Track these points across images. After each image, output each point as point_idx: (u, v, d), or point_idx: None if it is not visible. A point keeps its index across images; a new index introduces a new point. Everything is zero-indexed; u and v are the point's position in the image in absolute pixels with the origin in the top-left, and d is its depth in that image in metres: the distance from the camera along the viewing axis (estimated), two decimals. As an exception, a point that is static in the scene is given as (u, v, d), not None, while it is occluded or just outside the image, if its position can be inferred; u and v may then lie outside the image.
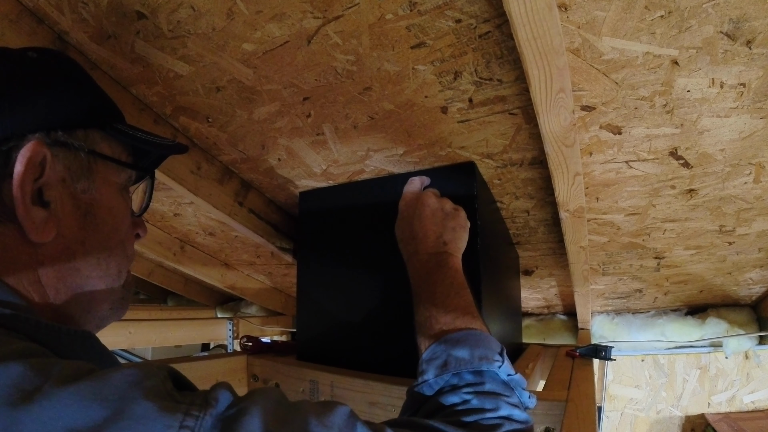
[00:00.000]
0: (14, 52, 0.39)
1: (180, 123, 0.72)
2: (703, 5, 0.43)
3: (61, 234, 0.36)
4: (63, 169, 0.37)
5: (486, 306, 0.67)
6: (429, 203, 0.61)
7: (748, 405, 1.20)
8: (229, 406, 0.26)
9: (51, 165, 0.36)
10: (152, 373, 0.26)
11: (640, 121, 0.59)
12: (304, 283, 0.87)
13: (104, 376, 0.25)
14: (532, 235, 0.95)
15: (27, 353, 0.25)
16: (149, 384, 0.25)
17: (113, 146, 0.42)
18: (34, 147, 0.34)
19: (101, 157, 0.40)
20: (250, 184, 0.92)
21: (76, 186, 0.38)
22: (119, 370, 0.26)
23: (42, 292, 0.35)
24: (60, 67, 0.40)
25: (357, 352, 0.77)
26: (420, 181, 0.69)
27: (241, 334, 1.48)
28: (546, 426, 0.58)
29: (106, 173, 0.41)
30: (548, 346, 1.18)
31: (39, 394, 0.22)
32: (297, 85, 0.61)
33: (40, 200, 0.35)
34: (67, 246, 0.37)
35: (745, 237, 0.85)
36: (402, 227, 0.64)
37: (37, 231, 0.34)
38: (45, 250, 0.35)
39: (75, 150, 0.38)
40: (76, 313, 0.39)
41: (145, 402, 0.24)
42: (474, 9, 0.46)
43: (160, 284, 1.73)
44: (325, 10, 0.49)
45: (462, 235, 0.61)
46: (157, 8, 0.51)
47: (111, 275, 0.41)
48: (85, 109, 0.40)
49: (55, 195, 0.36)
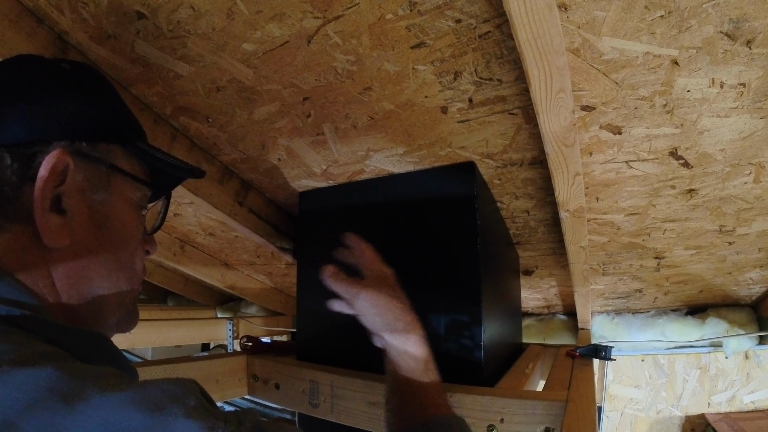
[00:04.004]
0: (48, 62, 0.40)
1: (180, 123, 0.72)
2: (703, 5, 0.43)
3: (75, 241, 0.37)
4: (83, 180, 0.37)
5: (486, 306, 0.67)
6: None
7: (748, 405, 1.20)
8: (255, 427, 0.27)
9: (72, 174, 0.36)
10: (190, 390, 0.27)
11: (640, 121, 0.59)
12: (304, 283, 0.87)
13: (144, 386, 0.25)
14: (532, 235, 0.95)
15: (52, 356, 0.26)
16: (190, 402, 0.26)
17: (133, 163, 0.43)
18: (59, 155, 0.35)
19: (120, 172, 0.41)
20: (250, 184, 0.92)
21: (94, 197, 0.39)
22: (155, 383, 0.26)
23: (55, 294, 0.36)
24: (90, 81, 0.42)
25: (357, 352, 0.77)
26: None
27: (241, 334, 1.48)
28: (546, 426, 0.58)
29: (123, 188, 0.42)
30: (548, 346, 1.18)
31: (79, 399, 0.23)
32: (297, 85, 0.61)
33: (57, 207, 0.36)
34: (79, 254, 0.37)
35: (745, 237, 0.85)
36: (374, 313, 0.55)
37: (52, 236, 0.35)
38: (58, 255, 0.36)
39: (96, 162, 0.39)
40: (88, 317, 0.39)
41: (186, 419, 0.24)
42: (474, 9, 0.46)
43: (160, 284, 1.73)
44: (325, 10, 0.49)
45: (406, 318, 0.54)
46: (157, 8, 0.51)
47: (120, 287, 0.42)
48: (109, 123, 0.41)
49: (73, 204, 0.37)
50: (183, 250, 1.32)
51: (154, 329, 1.32)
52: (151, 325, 1.32)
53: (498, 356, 0.78)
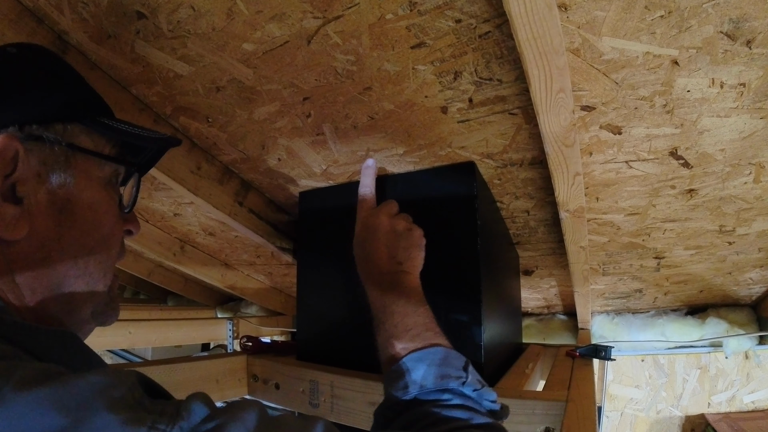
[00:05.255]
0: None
1: (180, 123, 0.72)
2: (703, 5, 0.43)
3: (35, 231, 0.35)
4: (38, 164, 0.35)
5: (486, 306, 0.67)
6: (381, 224, 0.60)
7: (748, 405, 1.20)
8: (204, 419, 0.25)
9: (24, 160, 0.34)
10: (120, 381, 0.25)
11: (640, 121, 0.59)
12: (304, 283, 0.87)
13: (67, 381, 0.23)
14: (532, 235, 0.95)
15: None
16: (116, 393, 0.24)
17: (96, 140, 0.41)
18: (4, 141, 0.33)
19: (81, 150, 0.39)
20: (250, 184, 0.92)
21: (52, 181, 0.36)
22: (84, 376, 0.24)
23: (18, 292, 0.34)
24: (38, 62, 0.39)
25: (357, 352, 0.77)
26: (371, 195, 0.66)
27: (241, 334, 1.48)
28: (546, 426, 0.58)
29: (87, 167, 0.39)
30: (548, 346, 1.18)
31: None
32: (297, 85, 0.61)
33: (12, 196, 0.34)
34: (42, 244, 0.35)
35: (745, 237, 0.85)
36: (357, 249, 0.62)
37: (7, 228, 0.33)
38: (19, 248, 0.34)
39: (51, 143, 0.36)
40: (57, 314, 0.37)
41: (108, 413, 0.22)
42: (474, 9, 0.46)
43: (160, 284, 1.73)
44: (325, 10, 0.49)
45: (416, 254, 0.59)
46: (157, 8, 0.51)
47: (91, 274, 0.39)
48: (62, 102, 0.38)
49: (29, 191, 0.35)
50: (183, 250, 1.32)
51: (154, 329, 1.32)
52: (151, 325, 1.32)
53: (498, 356, 0.78)
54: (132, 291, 2.33)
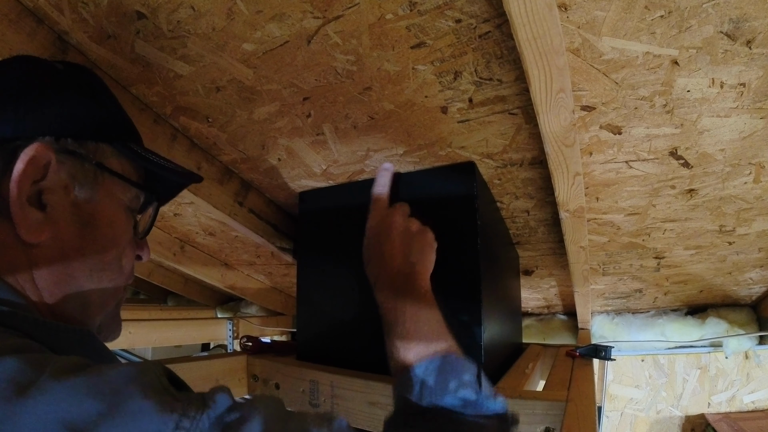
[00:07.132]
0: (42, 62, 0.40)
1: (180, 123, 0.72)
2: (703, 5, 0.43)
3: (58, 238, 0.36)
4: (66, 177, 0.37)
5: (486, 306, 0.67)
6: (396, 223, 0.59)
7: (748, 405, 1.20)
8: (228, 409, 0.26)
9: (54, 170, 0.36)
10: (149, 369, 0.26)
11: (640, 121, 0.59)
12: (304, 283, 0.87)
13: (100, 371, 0.25)
14: (532, 235, 0.95)
15: (22, 348, 0.26)
16: (146, 380, 0.25)
17: (123, 164, 0.43)
18: (38, 148, 0.35)
19: (109, 171, 0.41)
20: (250, 184, 0.92)
21: (79, 194, 0.38)
22: (115, 366, 0.26)
23: (36, 291, 0.35)
24: (82, 81, 0.42)
25: (357, 352, 0.77)
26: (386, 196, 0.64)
27: (241, 334, 1.48)
28: (546, 426, 0.58)
29: (112, 188, 0.41)
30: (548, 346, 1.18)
31: (34, 387, 0.22)
32: (297, 85, 0.61)
33: (38, 202, 0.35)
34: (63, 251, 0.37)
35: (745, 237, 0.85)
36: (369, 248, 0.61)
37: (28, 231, 0.34)
38: (40, 251, 0.35)
39: (82, 159, 0.38)
40: (73, 316, 0.38)
41: (142, 399, 0.24)
42: (474, 9, 0.46)
43: (160, 284, 1.73)
44: (325, 10, 0.49)
45: (429, 256, 0.59)
46: (157, 8, 0.51)
47: (104, 288, 0.41)
48: (98, 122, 0.40)
49: (55, 200, 0.36)
50: (183, 250, 1.32)
51: (154, 329, 1.32)
52: (151, 325, 1.32)
53: (498, 356, 0.78)
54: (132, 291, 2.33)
